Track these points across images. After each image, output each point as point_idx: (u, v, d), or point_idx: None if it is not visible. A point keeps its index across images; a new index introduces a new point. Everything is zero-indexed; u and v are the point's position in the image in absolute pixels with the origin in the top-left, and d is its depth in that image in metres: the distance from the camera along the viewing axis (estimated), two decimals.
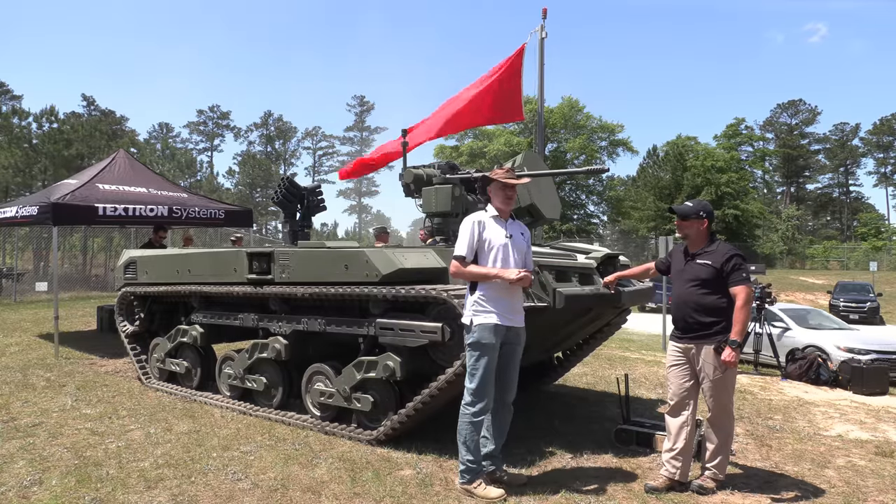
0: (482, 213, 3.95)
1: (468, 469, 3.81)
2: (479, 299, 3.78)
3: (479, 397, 3.79)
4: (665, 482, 3.93)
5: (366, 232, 61.02)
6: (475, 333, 3.77)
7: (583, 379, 7.45)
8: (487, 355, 3.77)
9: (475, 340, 3.77)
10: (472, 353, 3.80)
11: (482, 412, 3.82)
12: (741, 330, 3.80)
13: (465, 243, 3.82)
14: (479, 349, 3.77)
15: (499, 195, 3.97)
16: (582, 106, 43.52)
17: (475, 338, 3.77)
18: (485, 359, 3.77)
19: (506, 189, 3.95)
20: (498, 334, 3.78)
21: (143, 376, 6.88)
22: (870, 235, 50.81)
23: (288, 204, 6.25)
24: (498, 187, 3.97)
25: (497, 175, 3.97)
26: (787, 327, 11.20)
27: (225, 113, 69.41)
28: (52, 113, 34.31)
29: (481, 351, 3.77)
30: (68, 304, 15.68)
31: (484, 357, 3.77)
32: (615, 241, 50.71)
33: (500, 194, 3.96)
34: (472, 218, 3.90)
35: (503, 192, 3.96)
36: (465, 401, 3.82)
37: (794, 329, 11.12)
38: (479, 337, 3.76)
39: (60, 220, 8.80)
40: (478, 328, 3.76)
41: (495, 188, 3.97)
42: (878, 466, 4.58)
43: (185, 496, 3.82)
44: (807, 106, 64.98)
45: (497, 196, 3.97)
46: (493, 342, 3.77)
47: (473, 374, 3.80)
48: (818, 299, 25.70)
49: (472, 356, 3.80)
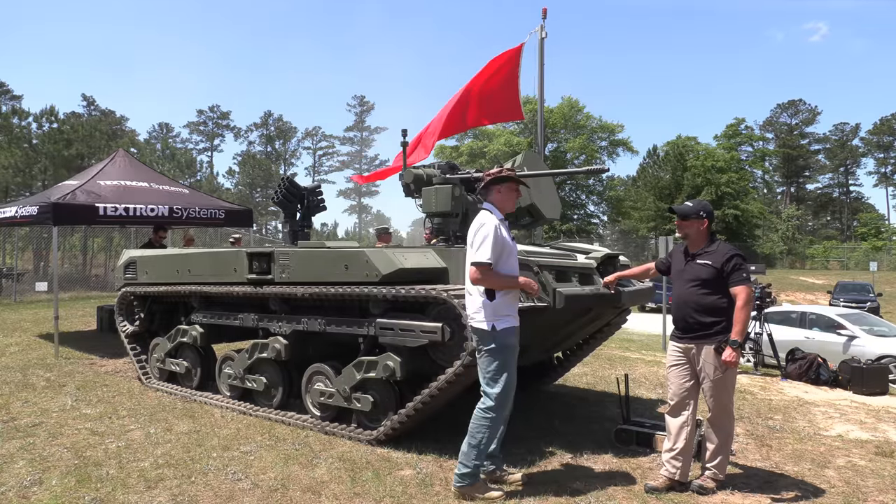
0: (494, 217, 3.77)
1: (472, 473, 3.75)
2: (499, 304, 3.70)
3: (504, 401, 3.73)
4: (665, 482, 3.92)
5: (366, 232, 61.03)
6: (499, 339, 3.67)
7: (583, 379, 7.45)
8: (512, 359, 3.74)
9: (500, 345, 3.68)
10: (497, 357, 3.69)
11: (504, 417, 3.80)
12: (741, 330, 3.80)
13: (491, 249, 3.62)
14: (504, 353, 3.70)
15: (511, 196, 3.91)
16: (582, 106, 43.57)
17: (500, 342, 3.68)
18: (510, 363, 3.73)
19: (517, 190, 3.93)
20: (517, 336, 3.78)
21: (143, 376, 6.88)
22: (870, 235, 50.83)
23: (288, 204, 6.25)
24: (512, 188, 3.90)
25: (509, 174, 3.90)
26: (852, 335, 10.26)
27: (225, 113, 69.45)
28: (52, 113, 34.33)
29: (507, 355, 3.71)
30: (68, 304, 15.69)
31: (509, 361, 3.73)
32: (615, 241, 50.71)
33: (512, 195, 3.92)
34: (493, 222, 3.71)
35: (515, 192, 3.93)
36: (487, 405, 3.72)
37: (862, 338, 10.20)
38: (504, 342, 3.68)
39: (60, 220, 8.81)
40: (502, 333, 3.68)
41: (509, 189, 3.89)
42: (878, 466, 4.58)
43: (185, 496, 3.82)
44: (807, 106, 65.04)
45: (509, 197, 3.90)
46: (516, 345, 3.76)
47: (497, 379, 3.70)
48: (818, 299, 25.71)
49: (495, 361, 3.69)
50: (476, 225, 3.75)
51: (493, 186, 3.90)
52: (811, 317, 11.16)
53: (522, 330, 3.86)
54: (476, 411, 3.77)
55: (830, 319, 10.69)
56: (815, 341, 10.09)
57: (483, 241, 3.65)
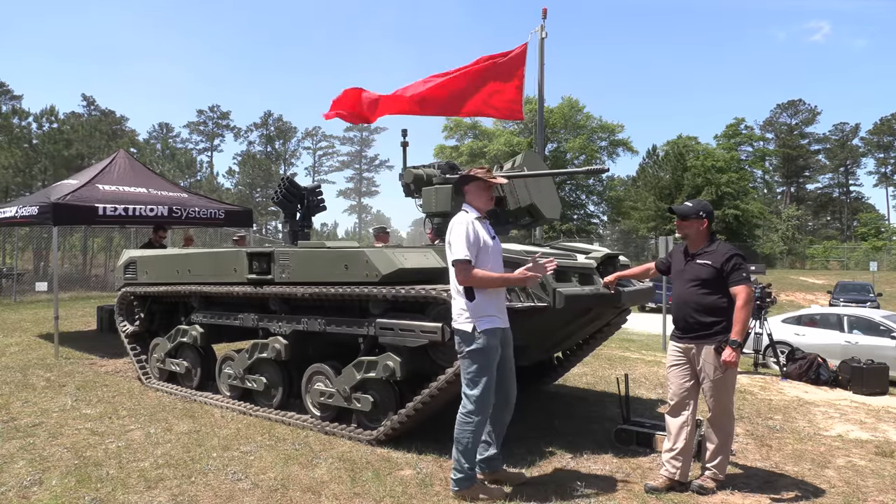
0: (468, 215, 3.76)
1: (467, 476, 3.73)
2: (479, 304, 3.66)
3: (484, 404, 3.69)
4: (665, 482, 3.92)
5: (366, 232, 61.01)
6: (480, 340, 3.63)
7: (583, 379, 7.45)
8: (493, 361, 3.70)
9: (481, 347, 3.63)
10: (476, 360, 3.64)
11: (486, 419, 3.76)
12: (741, 330, 3.80)
13: (465, 246, 3.62)
14: (485, 356, 3.65)
15: (482, 195, 3.86)
16: (582, 106, 43.53)
17: (481, 345, 3.63)
18: (491, 365, 3.69)
19: (489, 189, 3.88)
20: (498, 337, 3.73)
21: (143, 376, 6.88)
22: (870, 235, 50.81)
23: (288, 204, 6.25)
24: (481, 187, 3.85)
25: (479, 173, 3.86)
26: None
27: (225, 113, 69.41)
28: (52, 113, 34.32)
29: (487, 357, 3.66)
30: (68, 304, 15.68)
31: (490, 363, 3.68)
32: (615, 241, 50.71)
33: (483, 194, 3.86)
34: (464, 220, 3.71)
35: (487, 192, 3.88)
36: (467, 409, 3.68)
37: None
38: (485, 343, 3.63)
39: (60, 220, 8.80)
40: (482, 335, 3.63)
41: (477, 188, 3.85)
42: (878, 466, 4.58)
43: (185, 496, 3.82)
44: (807, 106, 65.00)
45: (480, 196, 3.85)
46: (497, 346, 3.71)
47: (477, 382, 3.66)
48: (818, 299, 25.70)
49: (474, 363, 3.65)
50: (451, 225, 3.77)
51: (462, 188, 3.91)
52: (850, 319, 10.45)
53: (523, 330, 3.84)
54: (458, 416, 3.73)
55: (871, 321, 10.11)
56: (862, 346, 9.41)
57: (456, 239, 3.66)
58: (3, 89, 49.43)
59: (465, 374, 3.71)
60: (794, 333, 10.99)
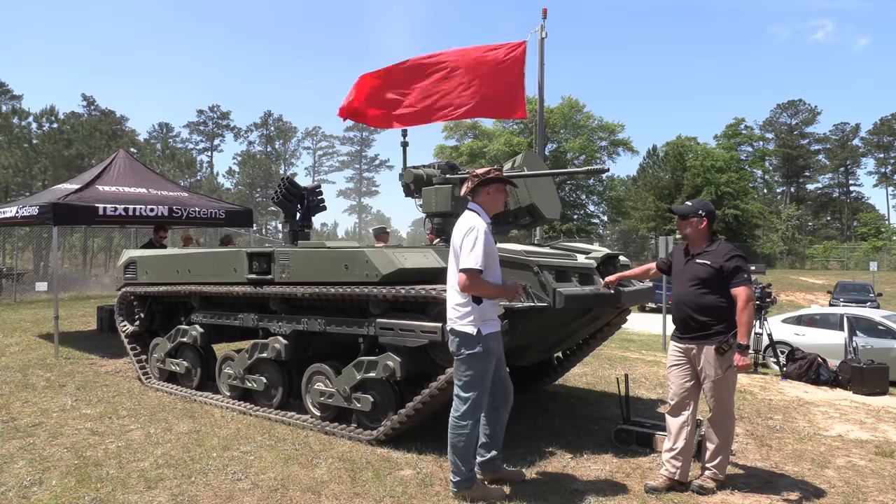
0: (482, 220, 3.64)
1: (466, 479, 3.73)
2: (485, 308, 3.64)
3: (478, 407, 3.69)
4: (665, 482, 3.92)
5: (366, 232, 61.02)
6: (483, 344, 3.61)
7: (583, 379, 7.45)
8: (492, 364, 3.71)
9: (484, 350, 3.61)
10: (478, 362, 3.61)
11: (479, 420, 3.75)
12: (747, 332, 3.78)
13: (481, 256, 3.49)
14: (486, 358, 3.64)
15: (500, 198, 3.79)
16: (582, 106, 43.53)
17: (484, 347, 3.61)
18: (490, 368, 3.70)
19: (506, 191, 3.85)
20: (498, 340, 3.76)
21: (143, 376, 6.88)
22: (870, 235, 50.85)
23: (288, 204, 6.25)
24: (501, 189, 3.79)
25: (498, 174, 3.79)
26: None
27: (225, 113, 69.41)
28: (52, 113, 34.27)
29: (488, 361, 3.66)
30: (68, 304, 15.68)
31: (490, 366, 3.69)
32: (615, 241, 50.73)
33: (501, 197, 3.80)
34: (482, 227, 3.58)
35: (504, 195, 3.83)
36: (460, 412, 3.64)
37: None
38: (488, 346, 3.62)
39: (60, 220, 8.80)
40: (486, 338, 3.62)
41: (498, 190, 3.76)
42: (878, 466, 4.58)
43: (185, 496, 3.82)
44: (807, 106, 65.04)
45: (499, 199, 3.78)
46: (498, 349, 3.74)
47: (473, 385, 3.64)
48: (818, 299, 25.71)
49: (474, 366, 3.62)
50: (464, 227, 3.60)
51: (481, 188, 3.74)
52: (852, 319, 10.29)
53: (523, 330, 3.84)
54: (451, 421, 3.70)
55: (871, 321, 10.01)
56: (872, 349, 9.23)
57: (473, 246, 3.51)
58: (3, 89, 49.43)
59: (462, 376, 3.67)
60: (794, 333, 11.00)
